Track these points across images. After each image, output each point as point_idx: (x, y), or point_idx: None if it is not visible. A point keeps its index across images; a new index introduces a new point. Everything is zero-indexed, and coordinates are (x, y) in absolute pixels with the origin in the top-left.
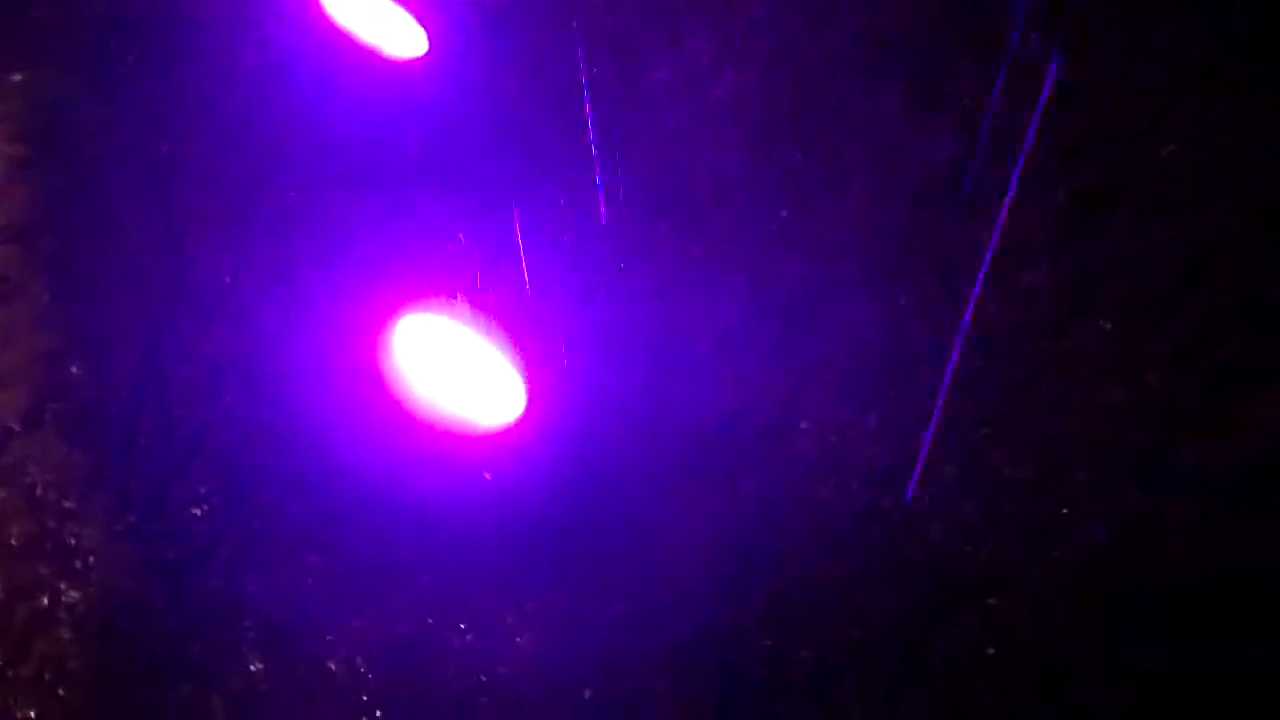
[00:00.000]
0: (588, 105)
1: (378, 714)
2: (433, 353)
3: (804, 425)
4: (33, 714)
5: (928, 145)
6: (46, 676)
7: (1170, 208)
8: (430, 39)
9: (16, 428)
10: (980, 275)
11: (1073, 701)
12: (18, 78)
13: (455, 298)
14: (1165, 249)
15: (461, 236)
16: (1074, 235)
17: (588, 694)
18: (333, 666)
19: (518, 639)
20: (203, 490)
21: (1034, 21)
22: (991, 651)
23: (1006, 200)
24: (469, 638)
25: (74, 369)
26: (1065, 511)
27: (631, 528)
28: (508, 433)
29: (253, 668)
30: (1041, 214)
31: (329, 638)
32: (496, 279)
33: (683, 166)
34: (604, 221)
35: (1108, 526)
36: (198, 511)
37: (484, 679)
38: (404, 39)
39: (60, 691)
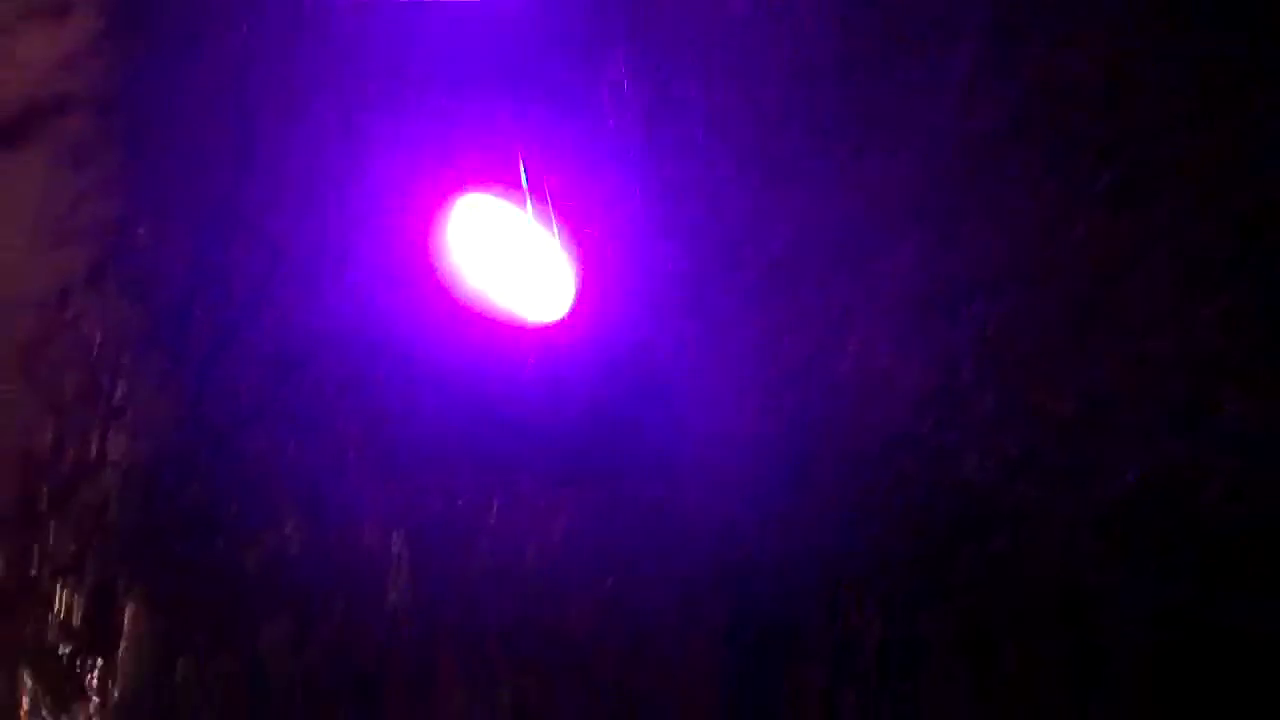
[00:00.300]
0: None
1: (407, 585)
2: (484, 241)
3: (851, 346)
4: (71, 556)
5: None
6: (87, 523)
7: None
8: None
9: (80, 284)
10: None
11: (1091, 632)
12: None
13: (511, 186)
14: (1227, 205)
15: (519, 127)
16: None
17: (610, 582)
18: (366, 537)
19: (550, 524)
20: (252, 358)
21: None
22: (1015, 576)
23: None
24: (503, 519)
25: (140, 233)
26: (1102, 453)
27: (672, 426)
28: (556, 324)
29: (287, 531)
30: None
31: (365, 508)
32: (551, 169)
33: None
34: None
35: (1143, 471)
36: (246, 378)
37: (514, 560)
38: None
39: (98, 539)
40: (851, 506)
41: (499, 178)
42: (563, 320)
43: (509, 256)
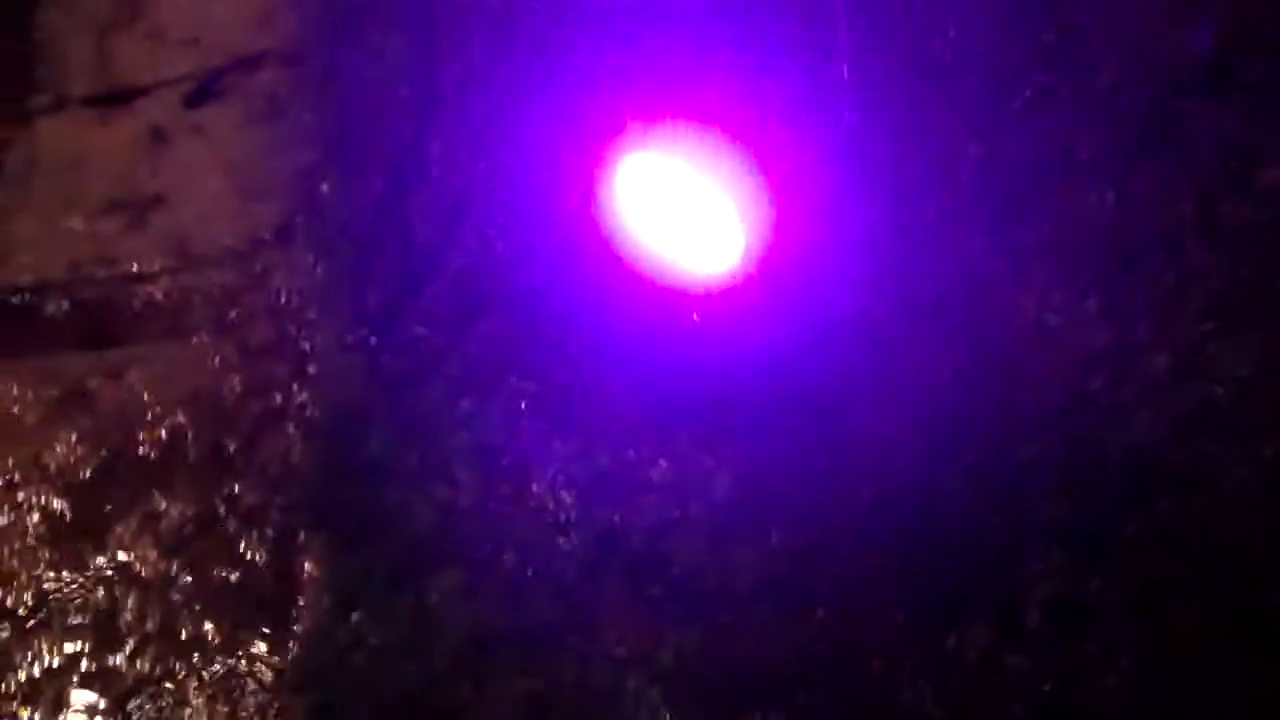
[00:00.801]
0: None
1: (573, 537)
2: (655, 197)
3: (1025, 302)
4: (256, 501)
5: (1186, 31)
6: (272, 470)
7: None
8: None
9: (268, 237)
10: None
11: (1262, 594)
12: None
13: (682, 137)
14: None
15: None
16: None
17: (774, 539)
18: (535, 488)
19: (715, 480)
20: (431, 313)
21: None
22: (1184, 539)
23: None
24: (668, 474)
25: (325, 187)
26: (1277, 413)
27: (841, 385)
28: (728, 279)
29: (460, 479)
30: None
31: (534, 461)
32: (724, 120)
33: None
34: (843, 76)
35: None
36: (423, 331)
37: (678, 514)
38: None
39: (282, 486)
40: (1022, 467)
41: (673, 131)
42: (734, 275)
43: (680, 212)
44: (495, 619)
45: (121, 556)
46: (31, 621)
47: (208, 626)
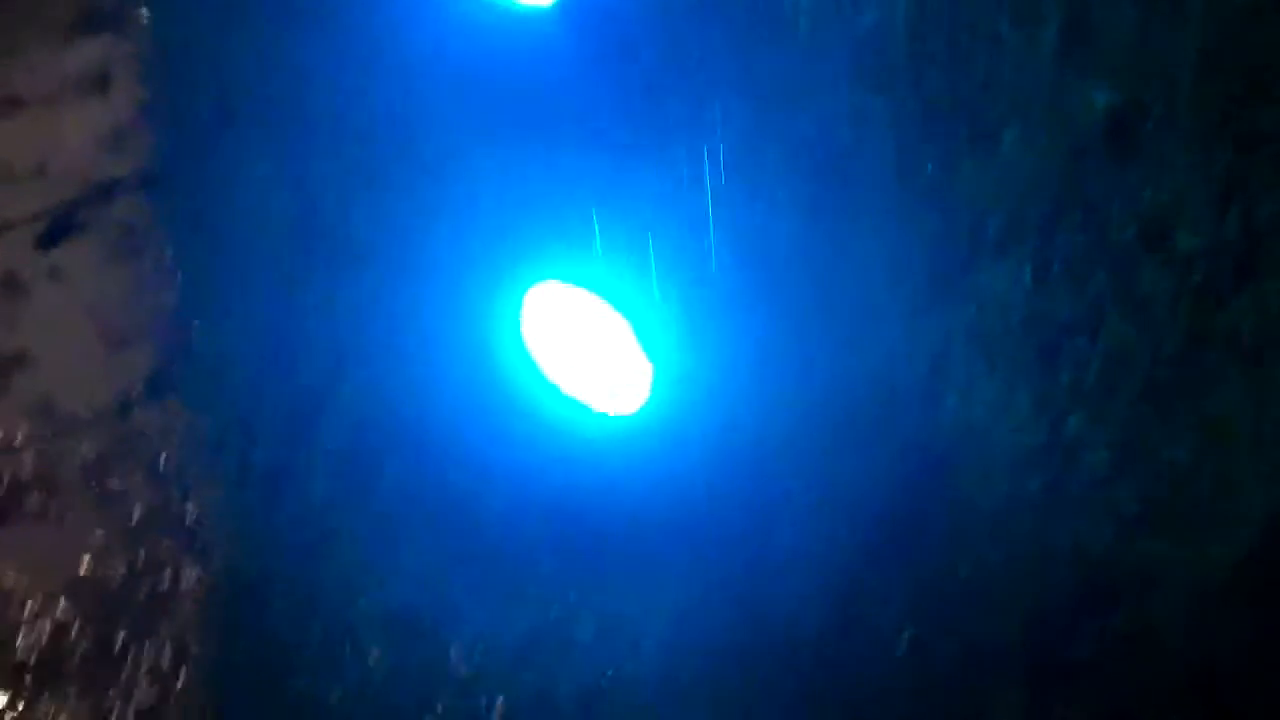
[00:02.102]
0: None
1: (499, 705)
2: (561, 328)
3: (950, 400)
4: (152, 698)
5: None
6: (166, 661)
7: None
8: None
9: (139, 392)
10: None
11: (1223, 703)
12: (144, 12)
13: (585, 270)
14: None
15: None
16: (1240, 192)
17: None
18: (453, 654)
19: (643, 634)
20: (326, 464)
21: None
22: (1141, 651)
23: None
24: (594, 631)
25: (197, 327)
26: (1225, 501)
27: (765, 510)
28: (636, 417)
29: (371, 654)
30: (1205, 169)
31: (450, 624)
32: (625, 249)
33: (819, 111)
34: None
35: (1270, 517)
36: (320, 486)
37: (609, 675)
38: None
39: (182, 677)
40: (963, 584)
41: (574, 265)
42: (641, 408)
43: (584, 345)
44: None
45: None
46: None
47: None
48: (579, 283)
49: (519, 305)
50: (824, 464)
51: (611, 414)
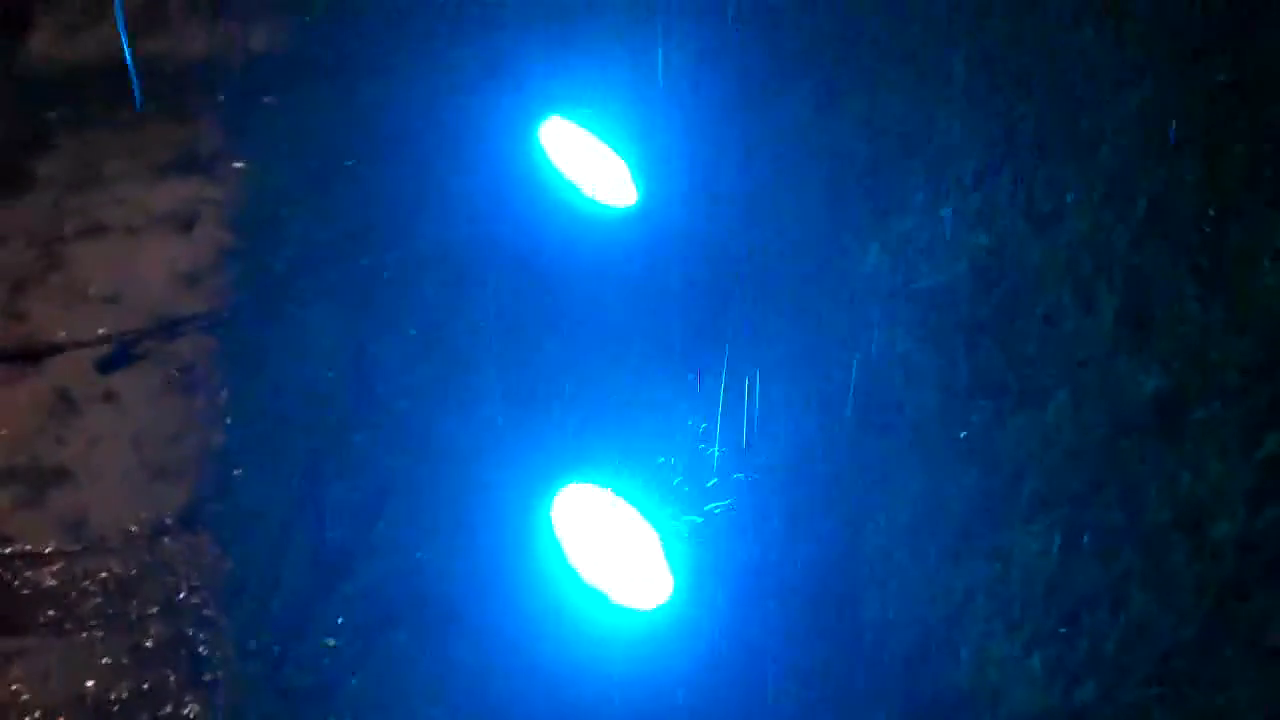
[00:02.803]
0: None
1: None
2: (588, 526)
3: (963, 654)
4: None
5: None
6: None
7: None
8: (642, 191)
9: (171, 523)
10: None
11: None
12: (240, 165)
13: (620, 474)
14: None
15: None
16: (1277, 490)
17: None
18: None
19: None
20: (340, 621)
21: None
22: None
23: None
24: None
25: (237, 472)
26: None
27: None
28: (651, 619)
29: None
30: (1245, 463)
31: None
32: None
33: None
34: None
35: None
36: (332, 642)
37: None
38: (616, 188)
39: None
40: None
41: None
42: (662, 607)
43: (609, 542)
44: None
45: None
46: None
47: None
48: (617, 489)
49: (553, 498)
50: (828, 701)
51: (630, 607)
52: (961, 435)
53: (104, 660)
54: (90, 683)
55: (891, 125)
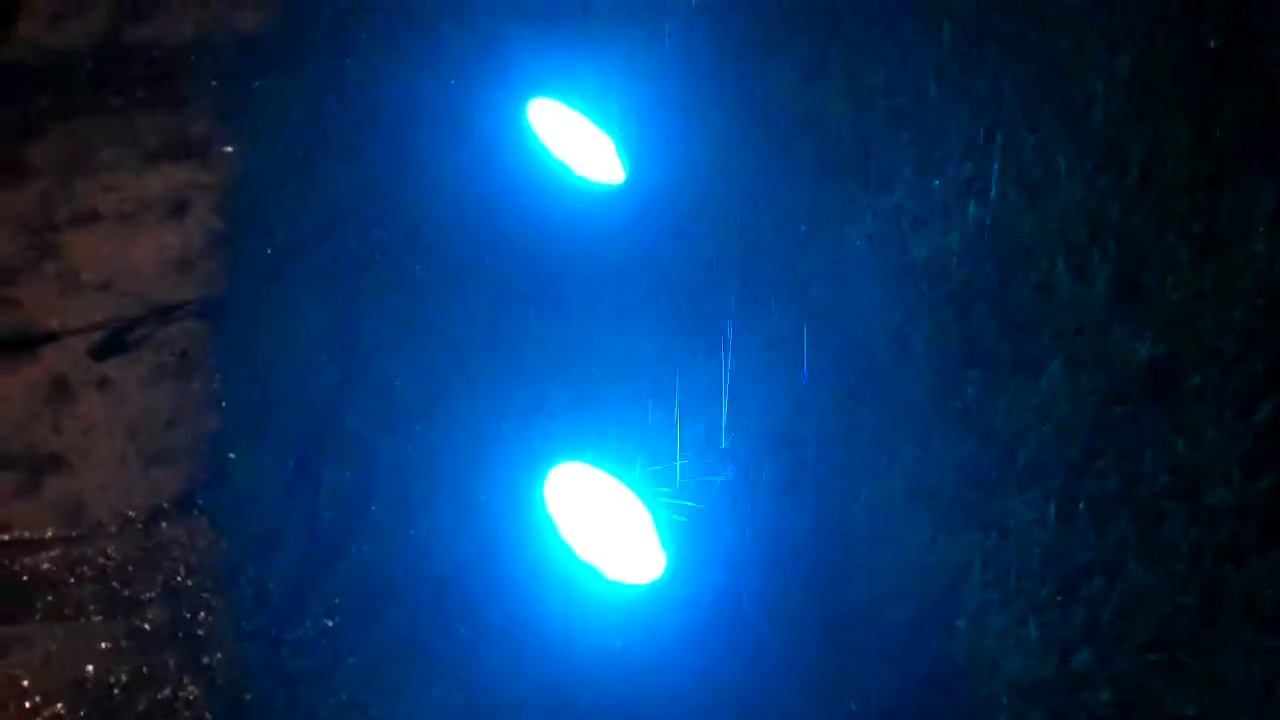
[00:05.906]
0: None
1: None
2: (581, 504)
3: (959, 624)
4: None
5: (1131, 338)
6: None
7: None
8: (629, 169)
9: (168, 508)
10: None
11: None
12: (230, 149)
13: (611, 451)
14: None
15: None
16: (1273, 457)
17: None
18: None
19: None
20: (337, 601)
21: None
22: None
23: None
24: None
25: (232, 456)
26: None
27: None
28: (645, 594)
29: None
30: (1238, 429)
31: None
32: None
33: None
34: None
35: None
36: (329, 623)
37: None
38: (604, 165)
39: None
40: None
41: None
42: (656, 583)
43: (602, 521)
44: None
45: None
46: None
47: None
48: (609, 468)
49: (545, 475)
50: (824, 673)
51: (624, 582)
52: (956, 405)
53: (103, 645)
54: (89, 667)
55: (880, 96)
